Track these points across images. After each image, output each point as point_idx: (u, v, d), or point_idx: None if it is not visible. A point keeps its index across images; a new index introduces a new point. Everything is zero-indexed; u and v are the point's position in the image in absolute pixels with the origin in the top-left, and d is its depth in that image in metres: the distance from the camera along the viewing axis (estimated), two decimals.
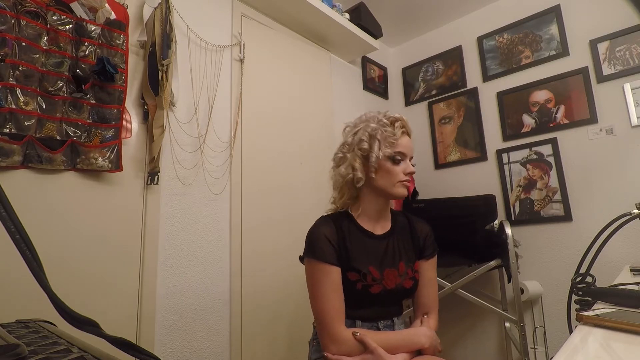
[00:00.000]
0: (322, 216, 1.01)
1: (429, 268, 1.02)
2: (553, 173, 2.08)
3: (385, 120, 0.96)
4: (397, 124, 0.96)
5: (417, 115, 2.71)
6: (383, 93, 2.74)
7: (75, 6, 1.15)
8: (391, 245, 0.98)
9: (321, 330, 0.89)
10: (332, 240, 0.92)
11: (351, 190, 0.99)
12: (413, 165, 0.99)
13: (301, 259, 0.98)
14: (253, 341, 1.56)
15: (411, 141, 1.00)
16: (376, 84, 2.70)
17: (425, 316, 1.00)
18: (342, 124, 1.08)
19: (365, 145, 0.94)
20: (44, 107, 1.09)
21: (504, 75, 2.33)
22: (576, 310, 0.74)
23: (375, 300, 0.93)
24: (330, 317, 0.87)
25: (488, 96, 2.39)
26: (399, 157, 0.95)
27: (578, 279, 0.85)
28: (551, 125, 2.12)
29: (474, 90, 2.45)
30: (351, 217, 0.99)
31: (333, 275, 0.90)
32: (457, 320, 2.28)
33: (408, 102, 2.80)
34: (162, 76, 1.32)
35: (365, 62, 2.60)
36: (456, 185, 2.43)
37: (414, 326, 0.98)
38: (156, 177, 1.32)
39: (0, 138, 0.99)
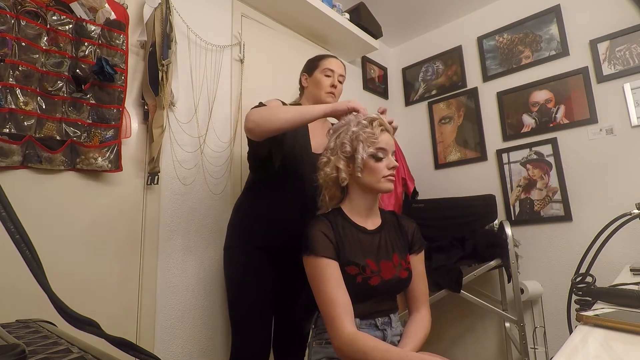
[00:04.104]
0: (317, 215, 1.05)
1: (418, 262, 1.07)
2: (553, 173, 2.08)
3: (364, 122, 1.01)
4: (374, 123, 1.01)
5: (417, 115, 2.71)
6: (383, 93, 2.74)
7: (75, 6, 1.15)
8: (383, 239, 1.03)
9: (328, 328, 0.90)
10: (328, 236, 0.95)
11: (336, 189, 1.05)
12: (395, 160, 1.04)
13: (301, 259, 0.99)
14: None
15: (391, 138, 1.04)
16: (376, 84, 2.70)
17: (417, 312, 1.04)
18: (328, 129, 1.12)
19: (348, 148, 1.00)
20: (44, 107, 1.09)
21: (504, 75, 2.33)
22: (576, 310, 0.74)
23: (374, 293, 0.96)
24: (335, 315, 0.88)
25: (488, 96, 2.39)
26: (381, 154, 1.00)
27: (578, 279, 0.85)
28: (551, 125, 2.12)
29: (474, 90, 2.45)
30: (343, 214, 1.03)
31: (333, 269, 0.92)
32: (457, 320, 2.28)
33: (408, 102, 2.80)
34: (162, 76, 1.32)
35: (365, 62, 2.60)
36: (456, 185, 2.43)
37: (411, 321, 1.01)
38: (156, 177, 1.32)
39: (0, 138, 0.99)
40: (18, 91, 1.03)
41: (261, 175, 1.31)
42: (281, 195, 1.27)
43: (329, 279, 0.91)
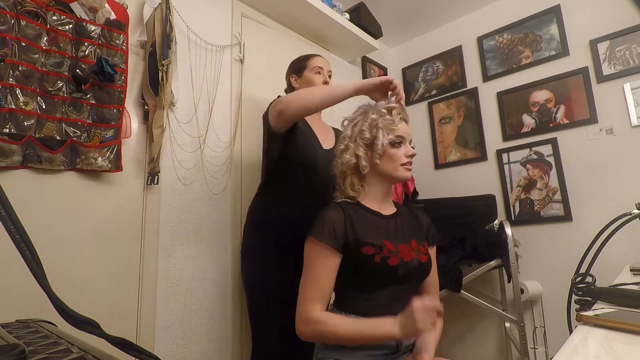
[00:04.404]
0: (332, 202, 1.04)
1: (432, 255, 1.07)
2: (553, 173, 2.08)
3: (383, 110, 1.02)
4: (394, 112, 1.03)
5: (417, 115, 2.71)
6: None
7: (75, 6, 1.15)
8: (400, 225, 1.02)
9: (298, 306, 0.91)
10: (337, 226, 0.94)
11: (355, 176, 1.04)
12: (413, 148, 1.05)
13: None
14: None
15: (409, 127, 1.06)
16: None
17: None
18: (342, 119, 1.13)
19: (367, 135, 1.01)
20: (44, 107, 1.09)
21: (504, 75, 2.33)
22: (576, 310, 0.74)
23: (394, 276, 0.93)
24: (309, 296, 0.90)
25: (488, 96, 2.38)
26: (399, 141, 1.01)
27: (578, 279, 0.85)
28: (551, 125, 2.12)
29: (474, 90, 2.45)
30: (358, 203, 1.02)
31: (329, 259, 0.92)
32: (457, 320, 2.28)
33: (408, 102, 2.79)
34: (162, 76, 1.32)
35: (365, 62, 2.60)
36: (456, 185, 2.43)
37: None
38: (156, 177, 1.32)
39: (0, 138, 0.99)
40: (18, 91, 1.03)
41: (276, 176, 1.32)
42: (298, 194, 1.27)
43: (322, 264, 0.92)
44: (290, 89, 1.50)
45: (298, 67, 1.47)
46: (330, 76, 1.48)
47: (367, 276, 0.93)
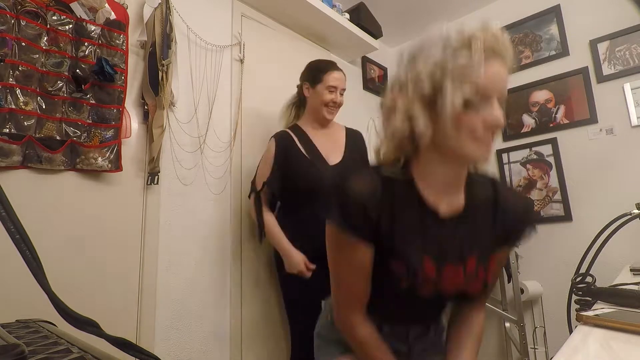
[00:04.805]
0: (371, 167, 0.71)
1: (501, 257, 0.77)
2: (553, 173, 2.08)
3: (455, 43, 0.60)
4: (475, 45, 0.58)
5: None
6: (383, 93, 2.73)
7: (75, 6, 1.15)
8: (461, 233, 0.69)
9: (337, 315, 0.75)
10: (369, 208, 0.63)
11: (406, 148, 0.67)
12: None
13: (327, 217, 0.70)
14: (253, 341, 1.56)
15: (505, 67, 0.61)
16: (376, 84, 2.69)
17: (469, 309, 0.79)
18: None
19: (426, 85, 0.61)
20: (44, 107, 1.09)
21: None
22: (576, 310, 0.74)
23: (417, 304, 0.72)
24: (348, 302, 0.71)
25: None
26: (479, 99, 0.59)
27: (578, 279, 0.85)
28: (551, 125, 2.12)
29: None
30: (412, 183, 0.68)
31: (360, 253, 0.66)
32: None
33: None
34: (162, 76, 1.32)
35: (365, 62, 2.60)
36: None
37: (461, 320, 0.78)
38: (156, 177, 1.32)
39: (0, 138, 0.99)
40: (18, 91, 1.03)
41: (285, 202, 1.43)
42: (307, 221, 1.32)
43: (351, 263, 0.68)
44: (301, 94, 1.53)
45: (314, 78, 1.47)
46: (342, 94, 1.48)
47: (385, 292, 0.70)
